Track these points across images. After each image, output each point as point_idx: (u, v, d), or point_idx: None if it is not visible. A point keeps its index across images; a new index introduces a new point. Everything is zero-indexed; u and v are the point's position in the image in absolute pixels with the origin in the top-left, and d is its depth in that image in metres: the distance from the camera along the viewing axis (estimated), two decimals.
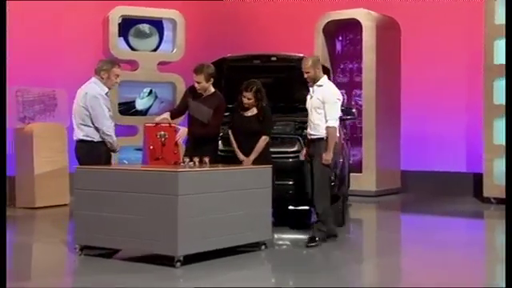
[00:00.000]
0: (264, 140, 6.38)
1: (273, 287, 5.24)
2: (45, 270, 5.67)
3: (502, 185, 8.74)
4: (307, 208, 7.11)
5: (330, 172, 6.34)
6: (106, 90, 6.05)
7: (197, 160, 5.75)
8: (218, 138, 6.61)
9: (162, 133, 6.09)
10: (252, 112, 6.44)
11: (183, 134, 6.31)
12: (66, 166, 9.09)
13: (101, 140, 5.99)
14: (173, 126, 6.27)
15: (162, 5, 10.30)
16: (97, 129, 5.96)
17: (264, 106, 6.41)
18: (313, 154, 6.29)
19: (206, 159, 5.81)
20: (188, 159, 5.78)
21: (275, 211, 6.34)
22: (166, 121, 6.31)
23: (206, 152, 6.02)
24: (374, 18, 10.54)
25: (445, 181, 10.67)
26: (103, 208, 5.59)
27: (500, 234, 7.12)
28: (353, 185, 9.25)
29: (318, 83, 6.29)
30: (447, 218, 8.69)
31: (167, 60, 10.40)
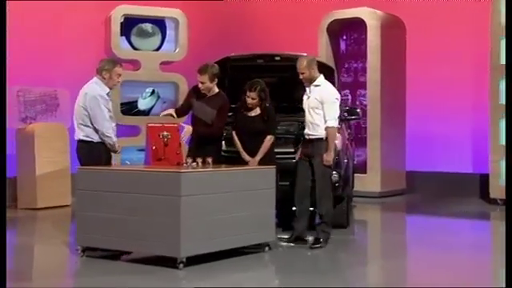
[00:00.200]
0: (269, 140, 6.34)
1: None
2: (46, 272, 5.65)
3: None
4: (311, 209, 7.03)
5: (330, 172, 6.31)
6: (107, 90, 6.02)
7: (200, 160, 5.73)
8: (222, 139, 6.57)
9: (165, 133, 6.04)
10: (256, 112, 6.41)
11: (188, 132, 6.29)
12: (68, 166, 9.07)
13: (100, 140, 5.97)
14: (176, 125, 6.24)
15: (165, 4, 10.27)
16: (96, 129, 5.93)
17: (268, 105, 6.38)
18: (312, 155, 6.24)
19: (209, 160, 5.78)
20: (191, 160, 5.75)
21: (279, 212, 6.30)
22: (171, 117, 6.32)
23: (209, 152, 6.00)
24: (379, 17, 10.48)
25: (450, 182, 10.62)
26: (105, 209, 5.57)
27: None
28: (357, 186, 9.20)
29: (314, 83, 6.24)
30: (453, 219, 8.65)
31: (170, 60, 10.38)
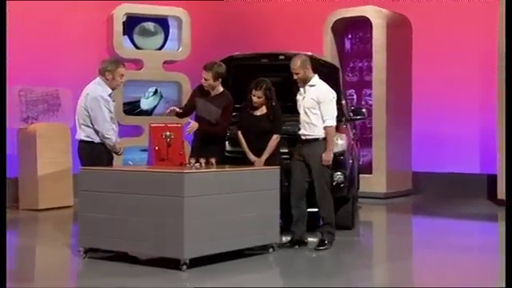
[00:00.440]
0: (275, 139, 6.29)
1: None
2: (48, 273, 5.63)
3: None
4: (315, 210, 6.97)
5: (329, 172, 6.23)
6: (109, 91, 6.00)
7: (203, 161, 5.70)
8: (226, 139, 6.53)
9: (168, 133, 6.03)
10: (262, 111, 6.36)
11: (193, 127, 6.24)
12: (70, 167, 9.05)
13: (101, 141, 5.95)
14: (179, 125, 6.22)
15: (168, 2, 10.24)
16: (96, 130, 5.91)
17: (274, 104, 6.33)
18: (308, 155, 6.15)
19: (213, 160, 5.76)
20: (194, 160, 5.72)
21: (283, 213, 6.23)
22: (175, 115, 6.33)
23: (213, 152, 5.98)
24: (385, 16, 10.41)
25: (458, 182, 10.53)
26: (108, 210, 5.56)
27: None
28: (363, 186, 9.16)
29: (309, 83, 6.19)
30: (460, 220, 8.59)
31: (173, 59, 10.32)
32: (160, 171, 5.52)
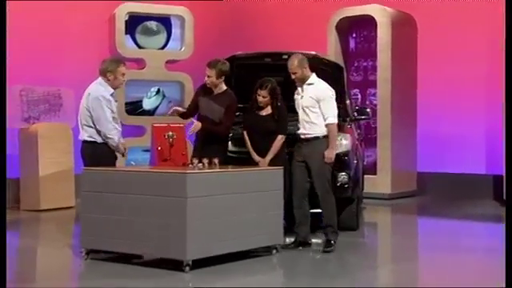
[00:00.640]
0: (280, 140, 6.23)
1: None
2: (50, 274, 5.62)
3: None
4: (319, 211, 6.93)
5: (329, 171, 6.16)
6: (111, 91, 5.98)
7: (206, 161, 5.67)
8: (228, 139, 6.49)
9: (170, 133, 6.02)
10: (267, 111, 6.31)
11: (197, 127, 6.20)
12: (72, 167, 9.02)
13: (104, 141, 5.93)
14: (182, 125, 6.21)
15: (170, 2, 10.20)
16: (98, 130, 5.89)
17: (279, 104, 6.28)
18: (308, 155, 6.09)
19: (216, 160, 5.73)
20: (197, 160, 5.69)
21: (287, 214, 6.20)
22: (177, 115, 6.32)
23: (215, 152, 5.95)
24: (389, 14, 10.34)
25: (463, 183, 10.49)
26: (110, 211, 5.55)
27: None
28: (367, 187, 9.12)
29: (307, 82, 6.15)
30: (465, 221, 8.55)
31: (175, 58, 10.28)
32: (163, 172, 5.50)
